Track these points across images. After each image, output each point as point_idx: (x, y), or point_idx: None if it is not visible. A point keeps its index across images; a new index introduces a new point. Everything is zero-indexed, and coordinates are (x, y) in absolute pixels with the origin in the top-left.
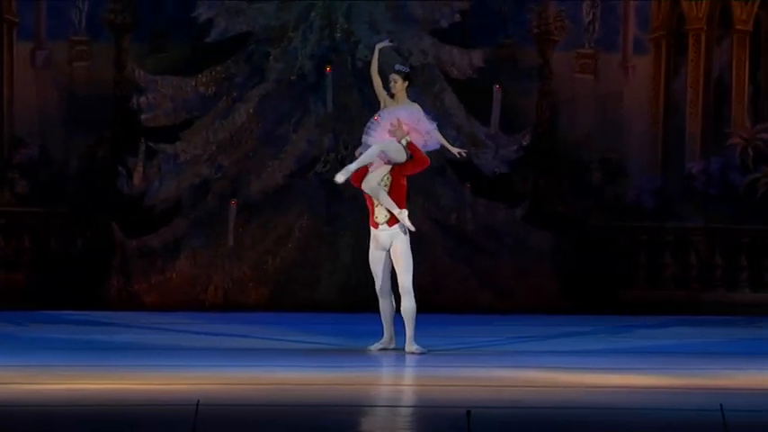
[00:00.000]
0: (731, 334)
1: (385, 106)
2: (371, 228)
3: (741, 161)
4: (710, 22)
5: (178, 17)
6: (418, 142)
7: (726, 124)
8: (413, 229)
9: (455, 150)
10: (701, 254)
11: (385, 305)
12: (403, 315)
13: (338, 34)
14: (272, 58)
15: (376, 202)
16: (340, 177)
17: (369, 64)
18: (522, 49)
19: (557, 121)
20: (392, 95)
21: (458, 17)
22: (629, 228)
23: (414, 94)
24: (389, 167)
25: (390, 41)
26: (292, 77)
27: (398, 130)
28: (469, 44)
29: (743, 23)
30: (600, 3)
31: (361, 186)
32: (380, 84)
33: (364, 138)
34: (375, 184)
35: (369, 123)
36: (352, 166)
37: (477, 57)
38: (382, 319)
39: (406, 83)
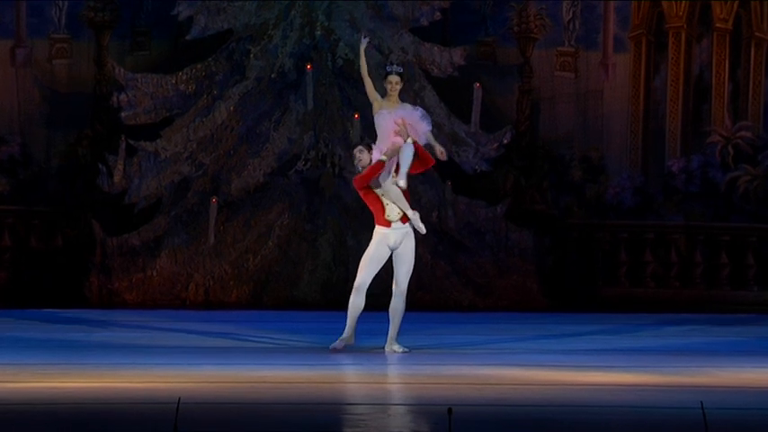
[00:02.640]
0: (712, 332)
1: (379, 106)
2: (381, 227)
3: (721, 159)
4: (690, 21)
5: (158, 15)
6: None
7: (706, 122)
8: (424, 231)
9: (438, 149)
10: (681, 252)
11: (359, 302)
12: (392, 314)
13: (318, 32)
14: (252, 56)
15: (386, 201)
16: (402, 183)
17: (349, 62)
18: (502, 48)
19: (537, 119)
20: (383, 95)
21: (438, 15)
22: (610, 226)
23: None
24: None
25: (365, 37)
26: (273, 75)
27: (403, 129)
28: (450, 42)
29: (722, 22)
30: (580, 1)
31: (368, 191)
32: (372, 85)
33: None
34: (390, 186)
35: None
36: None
37: (457, 55)
38: (350, 315)
39: (402, 83)
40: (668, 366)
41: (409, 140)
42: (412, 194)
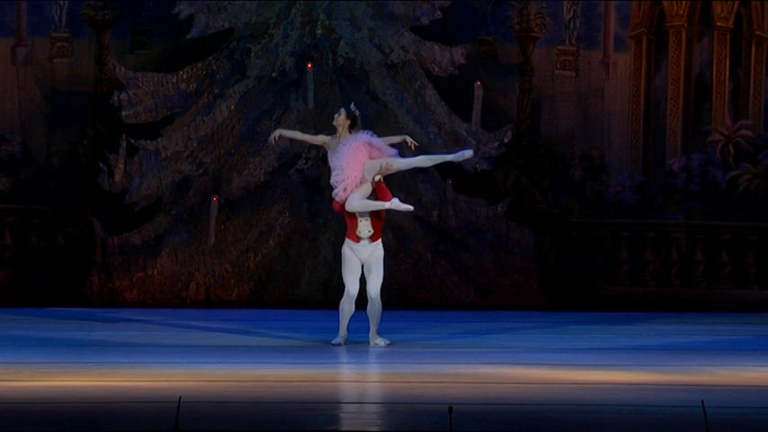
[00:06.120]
0: (712, 330)
1: (326, 144)
2: (350, 240)
3: (722, 158)
4: (691, 20)
5: (159, 14)
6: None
7: (706, 121)
8: (411, 208)
9: (408, 141)
10: (681, 250)
11: (350, 309)
12: (371, 315)
13: (319, 31)
14: (253, 54)
15: (360, 218)
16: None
17: (350, 60)
18: (503, 46)
19: (538, 118)
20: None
21: (439, 14)
22: (610, 224)
23: (395, 91)
24: (371, 187)
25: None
26: (273, 74)
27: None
28: (451, 41)
29: (723, 20)
30: (580, 0)
31: (344, 210)
32: (306, 136)
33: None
34: (358, 202)
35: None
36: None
37: (458, 54)
38: (342, 318)
39: (348, 121)
40: (669, 365)
41: (377, 178)
42: (412, 194)
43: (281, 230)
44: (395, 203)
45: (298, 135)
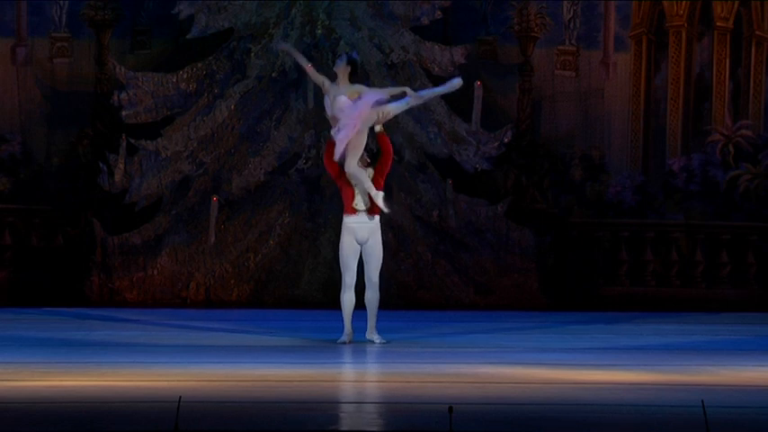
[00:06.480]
0: (712, 330)
1: (324, 87)
2: (348, 217)
3: (722, 158)
4: (691, 20)
5: (159, 14)
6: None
7: (706, 121)
8: (387, 210)
9: (402, 93)
10: (681, 250)
11: (350, 299)
12: (368, 305)
13: (319, 31)
14: (253, 54)
15: (356, 190)
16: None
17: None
18: (503, 46)
19: (538, 118)
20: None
21: (439, 14)
22: (610, 224)
23: None
24: (365, 139)
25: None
26: (273, 74)
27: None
28: (450, 41)
29: (723, 21)
30: (580, 0)
31: (339, 178)
32: (310, 70)
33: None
34: (356, 166)
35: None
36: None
37: (458, 54)
38: (345, 313)
39: (349, 68)
40: (669, 365)
41: (377, 128)
42: (412, 194)
43: (281, 230)
44: (379, 197)
45: (303, 60)
